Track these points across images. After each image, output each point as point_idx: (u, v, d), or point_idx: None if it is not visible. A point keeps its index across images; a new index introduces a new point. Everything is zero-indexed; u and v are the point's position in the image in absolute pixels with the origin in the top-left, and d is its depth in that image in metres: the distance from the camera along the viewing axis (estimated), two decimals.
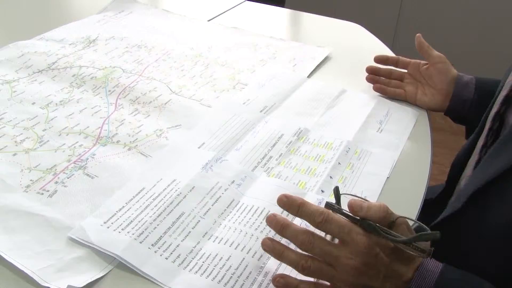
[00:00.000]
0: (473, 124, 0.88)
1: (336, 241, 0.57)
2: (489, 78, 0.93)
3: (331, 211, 0.56)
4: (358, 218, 0.56)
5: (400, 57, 1.00)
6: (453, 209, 0.68)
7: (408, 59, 0.99)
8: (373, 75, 1.00)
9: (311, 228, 0.56)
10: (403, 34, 2.48)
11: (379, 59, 1.00)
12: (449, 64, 0.93)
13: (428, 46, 0.94)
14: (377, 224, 0.55)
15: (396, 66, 1.00)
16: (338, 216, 0.56)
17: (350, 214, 0.56)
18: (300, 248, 0.56)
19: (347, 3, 2.64)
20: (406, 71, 0.99)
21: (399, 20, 2.21)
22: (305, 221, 0.57)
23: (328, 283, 0.57)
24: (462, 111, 0.91)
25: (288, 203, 0.57)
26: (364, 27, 1.27)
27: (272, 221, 0.57)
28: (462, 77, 0.92)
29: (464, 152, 0.85)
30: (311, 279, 0.57)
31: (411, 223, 0.58)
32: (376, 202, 0.57)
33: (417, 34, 0.95)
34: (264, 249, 0.57)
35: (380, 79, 0.99)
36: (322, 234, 0.57)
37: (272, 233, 0.62)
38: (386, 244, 0.55)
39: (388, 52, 1.12)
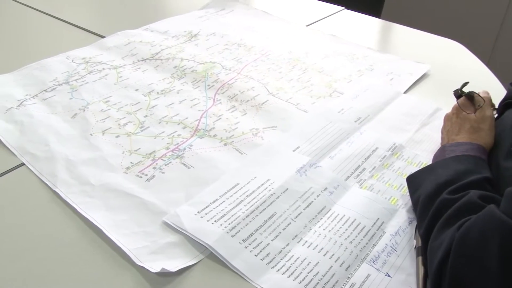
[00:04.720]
0: None
1: None
2: None
3: None
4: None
5: None
6: None
7: None
8: None
9: None
10: (501, 52, 2.37)
11: None
12: None
13: None
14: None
15: None
16: None
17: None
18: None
19: (444, 17, 2.56)
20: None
21: (498, 38, 2.15)
22: None
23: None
24: None
25: None
26: (459, 41, 1.23)
27: None
28: None
29: None
30: None
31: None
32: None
33: None
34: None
35: None
36: None
37: (359, 248, 0.62)
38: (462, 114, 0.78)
39: (487, 74, 1.08)
